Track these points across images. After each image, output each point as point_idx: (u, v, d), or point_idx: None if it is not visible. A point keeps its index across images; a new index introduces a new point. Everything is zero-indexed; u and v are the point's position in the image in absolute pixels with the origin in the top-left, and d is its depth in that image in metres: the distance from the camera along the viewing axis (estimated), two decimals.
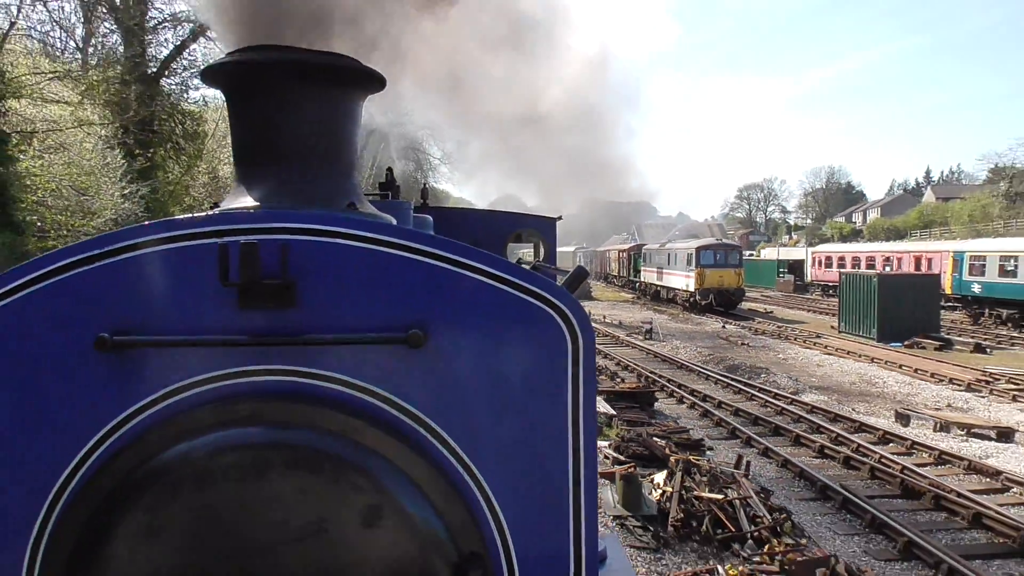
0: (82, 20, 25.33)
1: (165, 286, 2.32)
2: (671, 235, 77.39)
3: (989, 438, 15.40)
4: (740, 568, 8.79)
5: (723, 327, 35.65)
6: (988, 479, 12.61)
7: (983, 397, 19.79)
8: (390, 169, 6.07)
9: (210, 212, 2.55)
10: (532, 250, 7.46)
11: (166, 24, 26.43)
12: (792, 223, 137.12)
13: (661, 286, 50.47)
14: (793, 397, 18.97)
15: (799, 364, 25.41)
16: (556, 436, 2.40)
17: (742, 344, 30.00)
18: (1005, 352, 27.80)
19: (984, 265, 37.37)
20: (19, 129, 17.28)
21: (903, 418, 16.66)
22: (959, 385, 21.17)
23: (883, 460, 13.33)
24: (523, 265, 3.28)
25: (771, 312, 43.58)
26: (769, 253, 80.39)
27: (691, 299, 43.39)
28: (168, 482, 2.20)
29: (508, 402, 2.39)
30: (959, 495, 11.37)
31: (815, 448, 14.48)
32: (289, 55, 2.77)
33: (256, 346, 2.30)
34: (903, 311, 30.26)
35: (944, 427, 15.81)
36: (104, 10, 24.42)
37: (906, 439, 14.85)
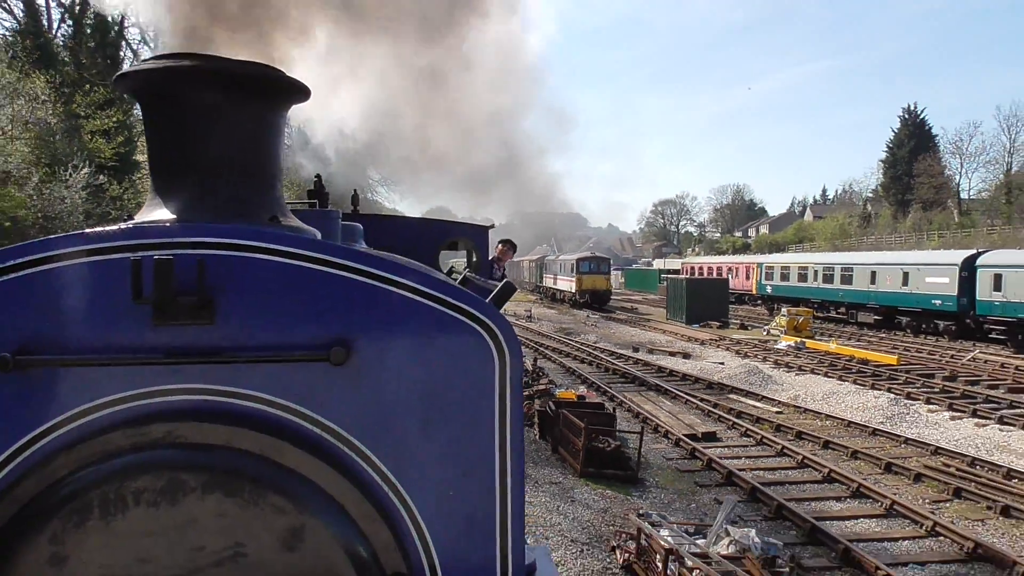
0: None
1: (74, 302, 2.27)
2: (584, 248, 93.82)
3: (678, 356, 31.13)
4: None
5: (587, 316, 51.49)
6: (650, 368, 28.27)
7: (705, 346, 35.70)
8: (319, 176, 6.08)
9: (123, 225, 2.49)
10: (465, 258, 7.75)
11: None
12: (704, 236, 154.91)
13: (556, 289, 66.33)
14: (593, 344, 34.52)
15: (617, 334, 41.15)
16: (482, 454, 2.44)
17: (591, 325, 45.80)
18: (756, 328, 44.08)
19: (773, 272, 54.36)
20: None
21: (634, 349, 32.54)
22: (699, 341, 37.11)
23: (608, 363, 28.86)
24: (455, 273, 3.69)
25: (635, 309, 59.73)
26: (657, 264, 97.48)
27: (574, 298, 59.26)
28: (75, 508, 2.16)
29: (434, 420, 2.41)
30: (622, 370, 26.99)
31: (580, 359, 30.05)
32: (207, 63, 2.74)
33: (171, 364, 2.28)
34: (703, 303, 46.33)
35: (651, 351, 31.75)
36: None
37: (628, 356, 30.57)
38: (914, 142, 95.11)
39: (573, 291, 59.52)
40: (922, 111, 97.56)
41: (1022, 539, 11.72)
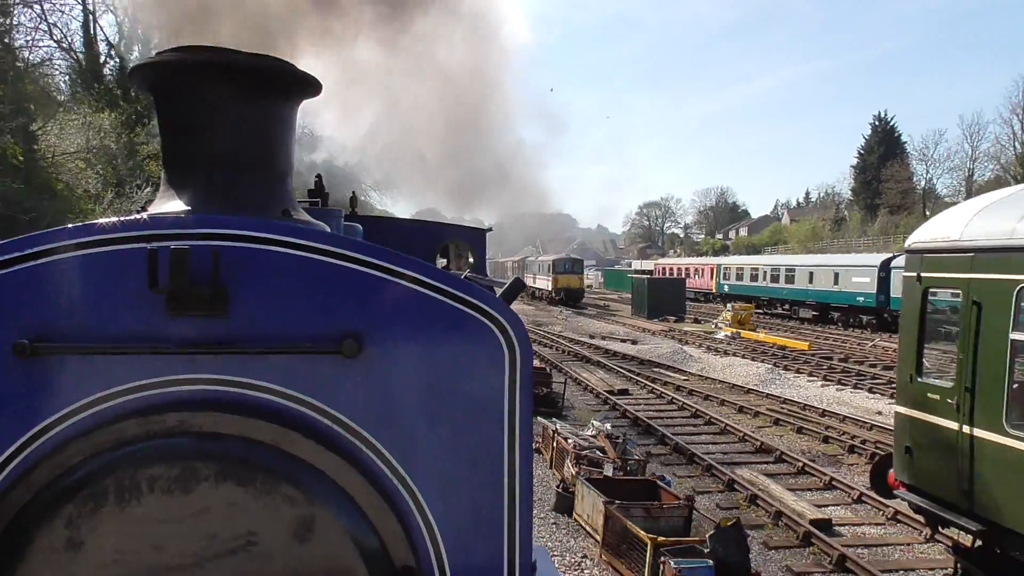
0: None
1: (90, 291, 2.35)
2: (568, 250, 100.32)
3: (627, 342, 37.81)
4: None
5: (560, 311, 58.22)
6: (598, 350, 34.94)
7: (654, 336, 42.38)
8: (319, 176, 6.26)
9: (138, 216, 2.58)
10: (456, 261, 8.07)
11: None
12: (688, 238, 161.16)
13: (535, 287, 73.13)
14: (558, 333, 41.18)
15: (583, 326, 47.83)
16: (491, 448, 2.52)
17: (562, 319, 52.49)
18: (708, 322, 50.83)
19: (730, 273, 61.31)
20: None
21: (591, 336, 39.31)
22: (650, 332, 43.83)
23: (565, 347, 35.50)
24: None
25: (607, 306, 66.48)
26: (635, 264, 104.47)
27: (550, 295, 66.02)
28: (89, 494, 2.23)
29: (443, 413, 2.49)
30: (574, 351, 33.67)
31: (543, 344, 36.74)
32: (220, 56, 2.83)
33: (185, 354, 2.36)
34: (662, 300, 53.08)
35: (604, 338, 38.52)
36: None
37: (584, 342, 37.30)
38: (883, 148, 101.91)
39: (550, 289, 66.31)
40: (892, 119, 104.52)
41: (796, 441, 18.49)
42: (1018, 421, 7.42)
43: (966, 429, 7.81)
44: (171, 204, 2.89)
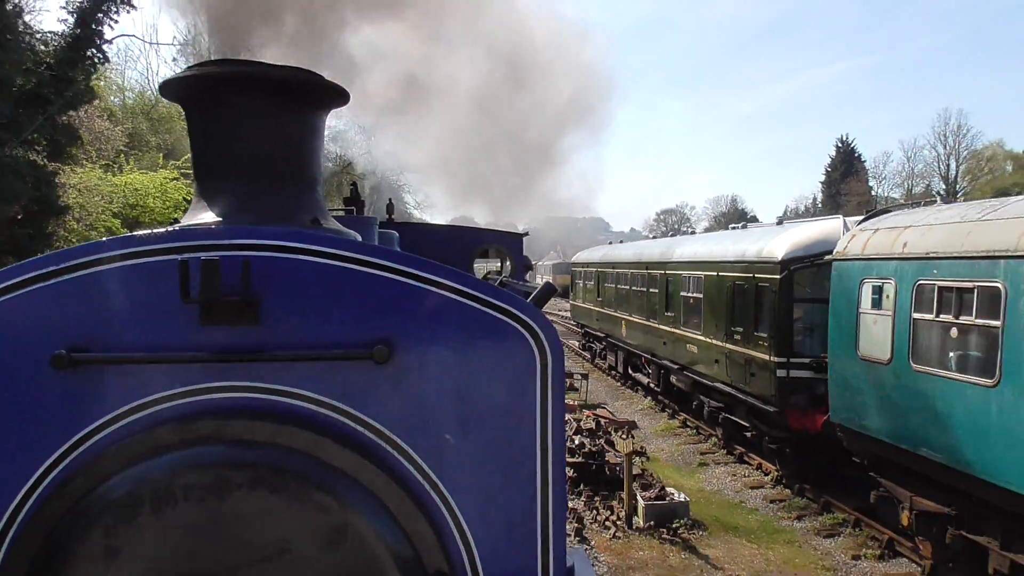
0: None
1: (124, 303, 2.50)
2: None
3: None
4: None
5: (554, 300, 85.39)
6: (554, 315, 62.58)
7: None
8: (355, 184, 6.60)
9: (170, 228, 2.68)
10: (498, 265, 8.72)
11: None
12: None
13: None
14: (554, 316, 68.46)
15: (559, 305, 74.23)
16: (523, 452, 2.61)
17: (551, 302, 79.64)
18: None
19: None
20: None
21: (559, 310, 67.19)
22: None
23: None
24: (491, 278, 4.04)
25: None
26: None
27: None
28: (127, 503, 2.35)
29: (475, 419, 2.59)
30: None
31: None
32: (248, 69, 2.99)
33: (218, 363, 2.48)
34: None
35: (566, 311, 66.32)
36: None
37: (552, 312, 64.95)
38: (844, 167, 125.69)
39: None
40: (852, 141, 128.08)
41: None
42: (589, 299, 35.82)
43: (575, 302, 36.52)
44: (203, 215, 3.07)
